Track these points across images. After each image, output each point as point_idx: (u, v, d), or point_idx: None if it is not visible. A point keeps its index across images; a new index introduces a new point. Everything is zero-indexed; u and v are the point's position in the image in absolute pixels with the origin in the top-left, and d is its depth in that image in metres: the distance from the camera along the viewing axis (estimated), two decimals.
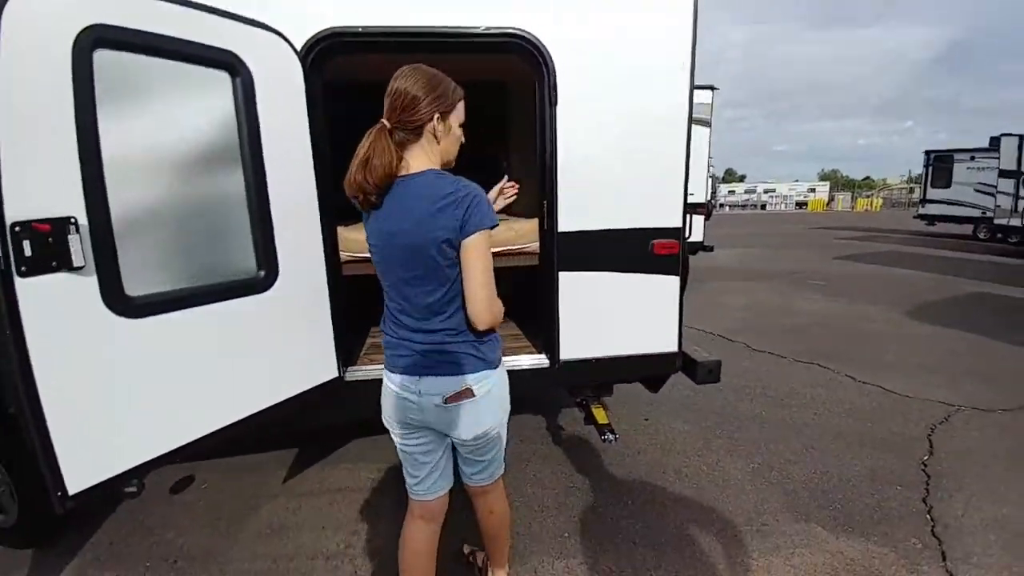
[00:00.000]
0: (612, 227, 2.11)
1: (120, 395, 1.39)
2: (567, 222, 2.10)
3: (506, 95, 3.69)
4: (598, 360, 2.21)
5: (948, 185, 14.77)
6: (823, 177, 70.50)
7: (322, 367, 1.94)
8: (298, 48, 1.81)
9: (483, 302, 1.24)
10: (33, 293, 1.19)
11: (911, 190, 37.63)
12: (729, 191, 46.83)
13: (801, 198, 44.12)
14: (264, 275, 1.69)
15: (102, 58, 1.30)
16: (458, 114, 1.33)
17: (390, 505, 2.40)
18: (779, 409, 3.45)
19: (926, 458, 2.81)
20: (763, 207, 43.85)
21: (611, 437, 2.33)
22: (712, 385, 2.41)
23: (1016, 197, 11.84)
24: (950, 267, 9.58)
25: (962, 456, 2.84)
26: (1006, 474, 2.64)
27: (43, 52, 1.20)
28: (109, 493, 1.38)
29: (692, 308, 6.23)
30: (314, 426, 2.64)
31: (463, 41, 1.94)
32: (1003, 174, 12.12)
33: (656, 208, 2.14)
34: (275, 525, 2.29)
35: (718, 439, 3.05)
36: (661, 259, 2.15)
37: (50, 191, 1.22)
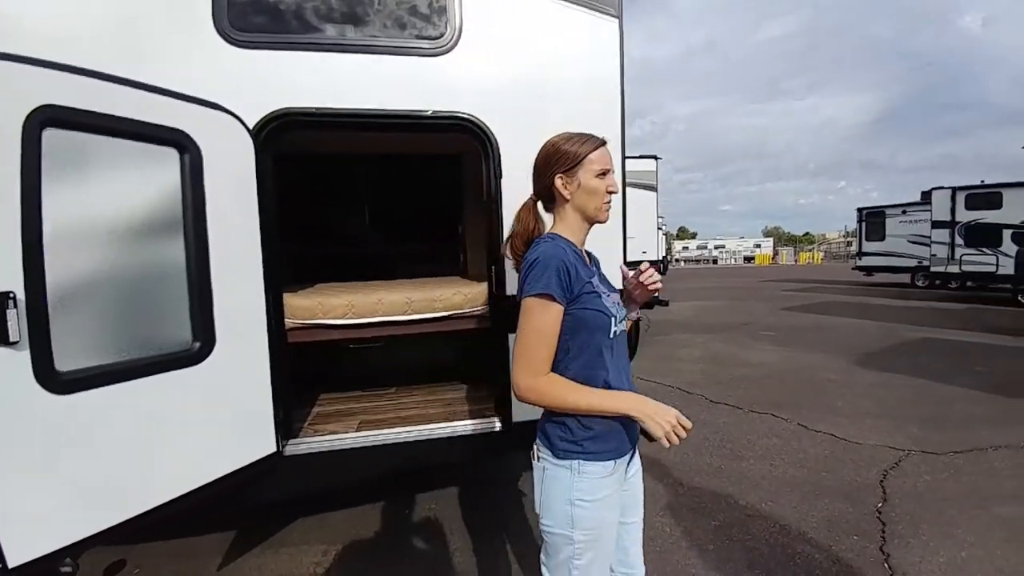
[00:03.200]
0: None
1: (50, 473, 1.36)
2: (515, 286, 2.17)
3: (461, 166, 3.89)
4: None
5: (882, 238, 15.92)
6: (767, 233, 75.73)
7: (259, 442, 1.85)
8: (251, 126, 1.88)
9: (513, 372, 1.18)
10: None
11: (849, 243, 40.71)
12: (683, 247, 49.65)
13: (748, 253, 47.11)
14: (199, 347, 1.65)
15: (51, 136, 1.34)
16: (589, 166, 1.25)
17: None
18: (738, 462, 3.48)
19: (880, 505, 2.84)
20: (715, 261, 46.38)
21: None
22: None
23: (951, 245, 12.73)
24: (892, 315, 10.15)
25: (915, 500, 2.87)
26: (960, 516, 2.68)
27: None
28: (46, 571, 1.35)
29: (651, 362, 6.43)
30: (255, 505, 2.46)
31: (413, 122, 2.07)
32: (936, 225, 13.02)
33: None
34: None
35: (681, 496, 3.02)
36: None
37: None
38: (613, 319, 1.22)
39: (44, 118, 1.32)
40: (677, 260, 45.12)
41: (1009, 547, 2.42)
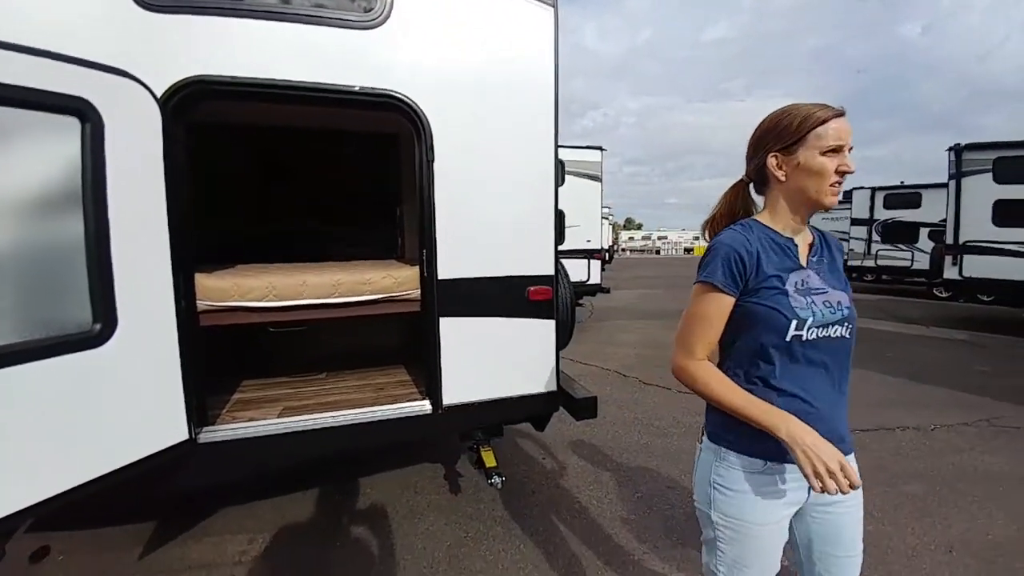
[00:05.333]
0: (489, 275, 2.23)
1: None
2: (446, 270, 2.17)
3: (398, 147, 3.80)
4: (481, 403, 2.25)
5: None
6: None
7: (168, 429, 1.77)
8: (158, 94, 1.76)
9: (673, 350, 1.16)
10: None
11: None
12: (629, 237, 51.64)
13: (688, 244, 49.71)
14: (100, 328, 1.54)
15: None
16: (815, 142, 1.06)
17: None
18: (662, 438, 3.69)
19: None
20: (658, 252, 48.59)
21: (497, 480, 2.34)
22: (607, 418, 2.51)
23: (869, 241, 13.79)
24: None
25: None
26: (866, 493, 2.84)
27: None
28: None
29: (591, 346, 6.65)
30: (172, 493, 2.36)
31: (339, 97, 2.01)
32: (855, 222, 14.02)
33: (529, 257, 2.29)
34: None
35: (607, 471, 3.18)
36: (536, 304, 2.29)
37: None
38: (794, 321, 1.05)
39: None
40: (623, 250, 46.79)
41: (920, 525, 2.53)
